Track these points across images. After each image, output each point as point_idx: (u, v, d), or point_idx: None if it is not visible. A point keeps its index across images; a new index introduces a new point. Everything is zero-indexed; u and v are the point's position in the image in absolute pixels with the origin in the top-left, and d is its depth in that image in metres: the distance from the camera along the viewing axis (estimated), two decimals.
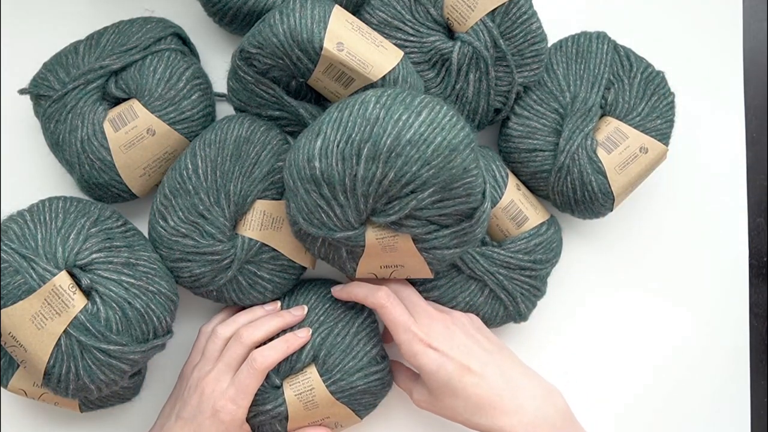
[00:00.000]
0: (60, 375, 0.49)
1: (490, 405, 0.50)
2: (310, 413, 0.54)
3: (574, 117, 0.56)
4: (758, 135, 0.67)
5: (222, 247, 0.53)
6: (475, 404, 0.50)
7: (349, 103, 0.48)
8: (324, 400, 0.54)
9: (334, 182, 0.48)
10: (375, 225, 0.50)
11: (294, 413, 0.54)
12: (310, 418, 0.55)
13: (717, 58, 0.66)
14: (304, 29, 0.50)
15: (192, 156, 0.53)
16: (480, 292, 0.57)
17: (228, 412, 0.51)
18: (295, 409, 0.53)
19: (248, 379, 0.51)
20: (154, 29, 0.56)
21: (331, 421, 0.55)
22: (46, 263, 0.48)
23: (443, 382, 0.51)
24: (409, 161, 0.46)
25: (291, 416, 0.54)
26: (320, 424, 0.55)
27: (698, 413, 0.64)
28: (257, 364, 0.52)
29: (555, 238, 0.59)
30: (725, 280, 0.65)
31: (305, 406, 0.54)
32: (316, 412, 0.54)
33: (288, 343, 0.53)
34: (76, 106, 0.54)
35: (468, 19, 0.54)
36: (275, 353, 0.52)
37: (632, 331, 0.64)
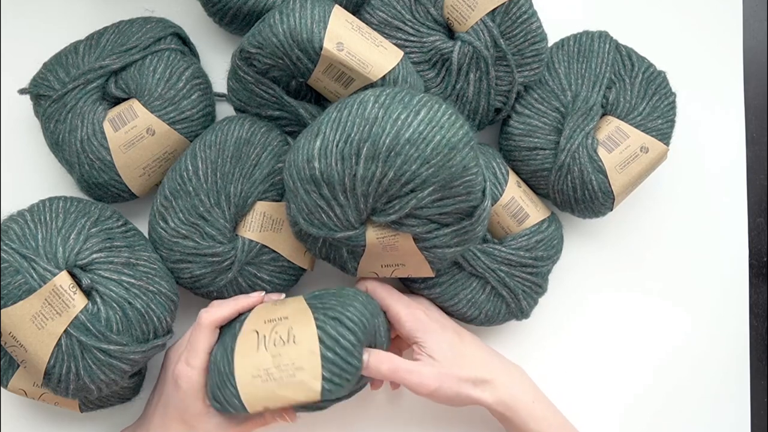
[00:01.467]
0: (60, 375, 0.49)
1: (487, 372, 0.53)
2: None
3: (575, 116, 0.56)
4: (758, 135, 0.67)
5: (222, 249, 0.53)
6: (477, 369, 0.53)
7: (348, 103, 0.48)
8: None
9: (333, 182, 0.48)
10: (375, 224, 0.50)
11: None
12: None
13: (717, 58, 0.66)
14: (304, 29, 0.50)
15: (192, 157, 0.53)
16: (482, 290, 0.58)
17: (184, 376, 0.50)
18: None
19: (195, 337, 0.51)
20: (154, 29, 0.56)
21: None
22: (46, 263, 0.48)
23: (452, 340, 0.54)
24: (409, 160, 0.46)
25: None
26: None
27: (698, 413, 0.64)
28: (201, 320, 0.51)
29: (556, 235, 0.59)
30: (725, 280, 0.65)
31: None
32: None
33: (237, 302, 0.53)
34: (76, 105, 0.54)
35: (468, 18, 0.54)
36: (221, 310, 0.52)
37: (632, 330, 0.64)
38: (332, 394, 0.47)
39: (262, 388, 0.47)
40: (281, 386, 0.47)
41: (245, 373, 0.48)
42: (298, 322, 0.49)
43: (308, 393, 0.47)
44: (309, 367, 0.47)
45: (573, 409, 0.64)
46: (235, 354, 0.48)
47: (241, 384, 0.47)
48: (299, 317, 0.49)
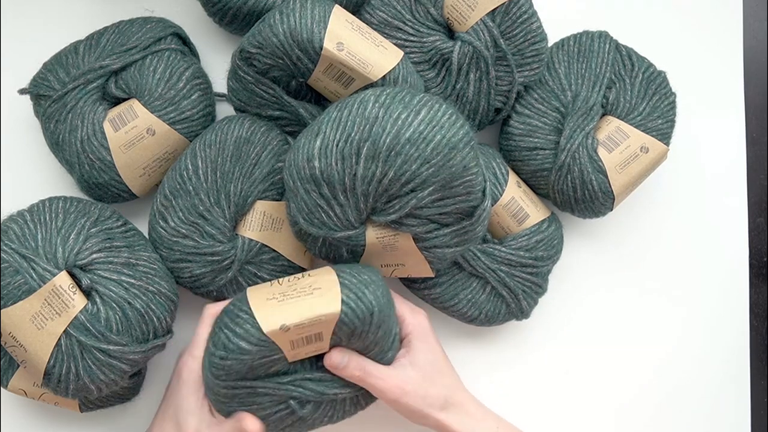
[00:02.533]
0: (60, 375, 0.49)
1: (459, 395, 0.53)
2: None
3: (576, 116, 0.56)
4: (758, 135, 0.67)
5: (222, 248, 0.53)
6: (451, 391, 0.52)
7: (348, 103, 0.48)
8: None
9: (333, 182, 0.48)
10: (375, 224, 0.50)
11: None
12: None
13: (717, 58, 0.66)
14: (304, 29, 0.50)
15: (192, 157, 0.53)
16: (482, 290, 0.58)
17: (186, 366, 0.50)
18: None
19: (200, 328, 0.51)
20: (154, 29, 0.56)
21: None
22: (46, 263, 0.48)
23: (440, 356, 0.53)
24: (409, 160, 0.46)
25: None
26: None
27: (698, 413, 0.64)
28: (207, 311, 0.52)
29: (556, 235, 0.59)
30: (725, 280, 0.65)
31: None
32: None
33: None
34: (76, 106, 0.54)
35: (468, 18, 0.54)
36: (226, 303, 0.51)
37: (632, 330, 0.64)
38: (350, 321, 0.46)
39: (279, 306, 0.46)
40: (298, 302, 0.46)
41: (259, 298, 0.46)
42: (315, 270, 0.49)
43: (327, 306, 0.45)
44: (327, 289, 0.46)
45: (573, 409, 0.64)
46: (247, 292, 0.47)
47: (255, 307, 0.46)
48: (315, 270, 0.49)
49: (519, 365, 0.63)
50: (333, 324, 0.46)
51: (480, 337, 0.63)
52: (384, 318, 0.48)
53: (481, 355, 0.63)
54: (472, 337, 0.63)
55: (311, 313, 0.45)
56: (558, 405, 0.64)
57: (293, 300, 0.46)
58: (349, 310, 0.46)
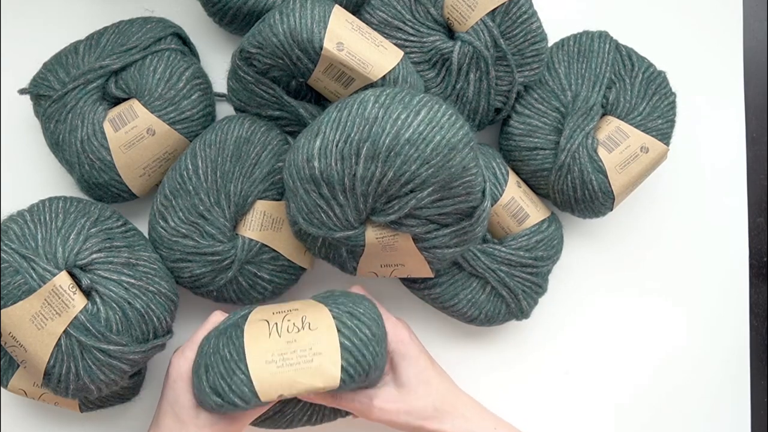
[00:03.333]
0: (60, 375, 0.49)
1: (449, 402, 0.52)
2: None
3: (576, 116, 0.56)
4: (758, 135, 0.67)
5: (222, 248, 0.53)
6: (440, 399, 0.51)
7: (348, 103, 0.48)
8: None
9: (333, 182, 0.48)
10: (375, 224, 0.50)
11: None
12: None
13: (717, 58, 0.66)
14: (304, 29, 0.50)
15: (192, 156, 0.53)
16: (482, 290, 0.58)
17: (174, 365, 0.50)
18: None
19: (199, 332, 0.51)
20: (154, 29, 0.56)
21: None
22: (46, 263, 0.48)
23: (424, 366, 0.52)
24: (408, 160, 0.46)
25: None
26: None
27: (698, 413, 0.64)
28: (212, 318, 0.52)
29: (556, 235, 0.59)
30: (725, 280, 0.65)
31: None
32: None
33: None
34: (76, 106, 0.54)
35: (468, 18, 0.54)
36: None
37: (632, 330, 0.64)
38: (347, 386, 0.45)
39: (278, 373, 0.44)
40: (298, 372, 0.44)
41: (258, 358, 0.45)
42: (312, 312, 0.47)
43: (327, 379, 0.44)
44: (328, 353, 0.45)
45: (573, 409, 0.64)
46: (245, 340, 0.46)
47: (254, 370, 0.44)
48: (311, 308, 0.48)
49: (519, 365, 0.63)
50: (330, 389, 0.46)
51: (480, 338, 0.63)
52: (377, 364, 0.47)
53: (481, 356, 0.63)
54: (472, 337, 0.63)
55: (310, 386, 0.45)
56: (558, 405, 0.64)
57: (292, 368, 0.45)
58: (347, 378, 0.45)
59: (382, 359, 0.48)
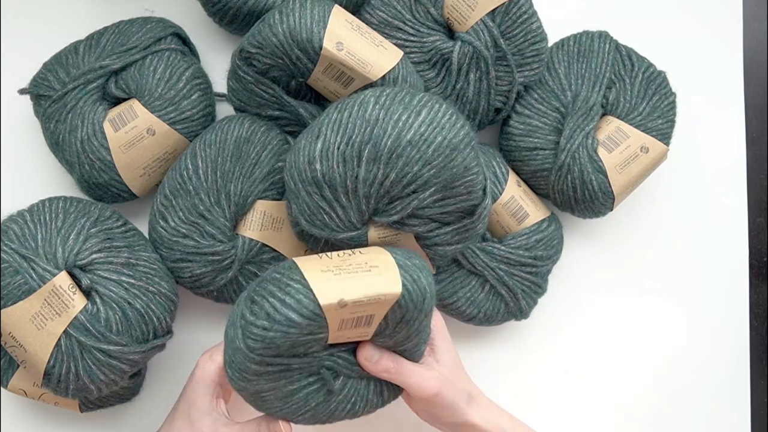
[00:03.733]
0: (60, 375, 0.49)
1: (474, 389, 0.53)
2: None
3: (575, 116, 0.56)
4: (758, 135, 0.67)
5: (222, 248, 0.53)
6: (471, 386, 0.52)
7: (348, 104, 0.48)
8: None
9: (335, 184, 0.48)
10: (377, 225, 0.50)
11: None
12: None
13: (717, 58, 0.66)
14: (304, 29, 0.50)
15: (192, 156, 0.53)
16: (481, 288, 0.58)
17: (201, 366, 0.50)
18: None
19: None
20: (154, 29, 0.56)
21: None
22: (46, 263, 0.48)
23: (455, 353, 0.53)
24: (410, 162, 0.46)
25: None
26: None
27: (698, 413, 0.64)
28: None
29: (556, 235, 0.59)
30: (725, 280, 0.65)
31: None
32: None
33: None
34: (76, 106, 0.54)
35: (468, 18, 0.54)
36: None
37: (632, 330, 0.64)
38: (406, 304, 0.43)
39: (336, 279, 0.41)
40: (357, 278, 0.42)
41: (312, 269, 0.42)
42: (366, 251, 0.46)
43: (389, 285, 0.42)
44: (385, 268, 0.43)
45: (573, 409, 0.64)
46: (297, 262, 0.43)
47: (310, 277, 0.41)
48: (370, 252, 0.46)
49: (519, 365, 0.63)
50: (389, 305, 0.43)
51: (480, 338, 0.63)
52: (432, 305, 0.47)
53: (481, 356, 0.63)
54: (472, 337, 0.63)
55: (373, 290, 0.42)
56: (558, 405, 0.64)
57: (351, 275, 0.42)
58: (407, 293, 0.43)
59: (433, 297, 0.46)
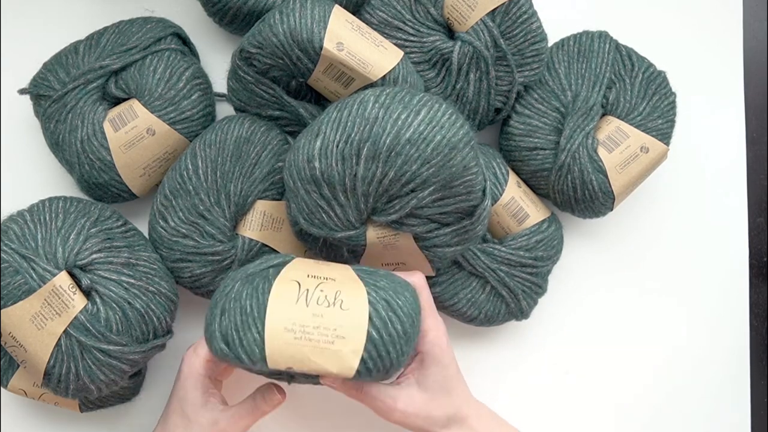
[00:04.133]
0: (60, 375, 0.49)
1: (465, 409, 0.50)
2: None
3: (576, 116, 0.56)
4: (758, 135, 0.67)
5: (222, 248, 0.53)
6: (456, 409, 0.50)
7: (348, 103, 0.48)
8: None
9: (334, 182, 0.48)
10: (376, 224, 0.50)
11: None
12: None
13: (717, 58, 0.66)
14: (304, 29, 0.50)
15: (192, 156, 0.53)
16: (481, 289, 0.58)
17: (186, 361, 0.50)
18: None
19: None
20: (154, 29, 0.56)
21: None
22: (46, 263, 0.48)
23: (451, 375, 0.50)
24: (409, 160, 0.46)
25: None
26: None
27: (698, 413, 0.64)
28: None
29: (556, 235, 0.59)
30: (725, 280, 0.65)
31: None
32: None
33: None
34: (76, 106, 0.54)
35: (468, 18, 0.54)
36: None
37: (632, 330, 0.64)
38: (361, 378, 0.43)
39: (294, 345, 0.41)
40: (315, 350, 0.41)
41: (278, 322, 0.42)
42: (348, 288, 0.44)
43: (342, 367, 0.42)
44: (351, 340, 0.42)
45: (573, 409, 0.64)
46: (270, 298, 0.42)
47: (269, 333, 0.41)
48: (349, 284, 0.44)
49: (519, 366, 0.63)
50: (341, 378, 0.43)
51: (480, 338, 0.63)
52: (401, 363, 0.45)
53: (481, 356, 0.63)
54: (472, 337, 0.63)
55: (322, 368, 0.42)
56: (558, 405, 0.64)
57: (310, 344, 0.42)
58: (364, 370, 0.43)
59: (405, 359, 0.45)
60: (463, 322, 0.60)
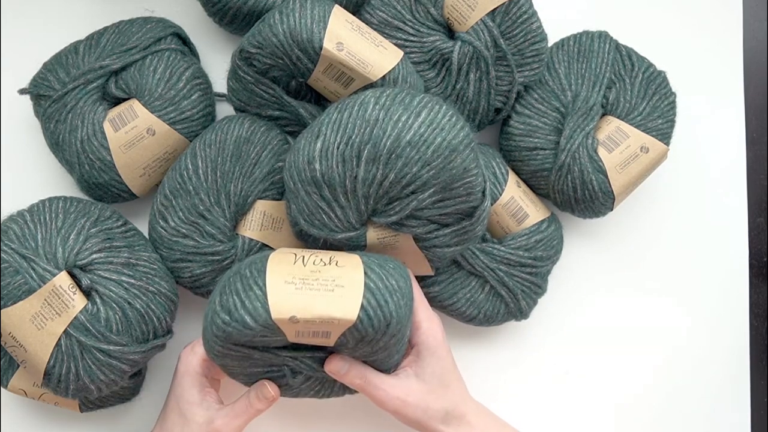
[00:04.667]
0: (60, 375, 0.49)
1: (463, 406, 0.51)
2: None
3: (576, 116, 0.56)
4: (758, 135, 0.67)
5: (222, 248, 0.53)
6: (453, 404, 0.51)
7: (348, 104, 0.48)
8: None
9: (334, 184, 0.48)
10: (376, 225, 0.50)
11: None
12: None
13: (717, 58, 0.66)
14: (304, 29, 0.50)
15: (192, 156, 0.53)
16: (481, 289, 0.58)
17: (183, 359, 0.50)
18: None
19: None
20: (154, 29, 0.56)
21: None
22: (46, 263, 0.48)
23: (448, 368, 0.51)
24: (410, 162, 0.46)
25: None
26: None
27: (698, 413, 0.64)
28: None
29: (556, 235, 0.59)
30: (725, 280, 0.65)
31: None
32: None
33: None
34: (76, 106, 0.54)
35: (468, 18, 0.54)
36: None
37: (632, 330, 0.64)
38: (363, 327, 0.44)
39: (295, 294, 0.42)
40: (317, 296, 0.43)
41: (277, 277, 0.43)
42: (342, 255, 0.46)
43: (345, 311, 0.43)
44: (351, 288, 0.43)
45: (573, 409, 0.64)
46: (269, 264, 0.44)
47: (271, 286, 0.42)
48: (343, 254, 0.47)
49: (519, 366, 0.63)
50: (344, 328, 0.44)
51: (479, 338, 0.63)
52: (399, 328, 0.46)
53: (480, 356, 0.63)
54: (472, 337, 0.63)
55: (325, 312, 0.43)
56: (557, 405, 0.64)
57: (311, 292, 0.43)
58: (365, 318, 0.44)
59: (406, 319, 0.46)
60: (462, 322, 0.60)
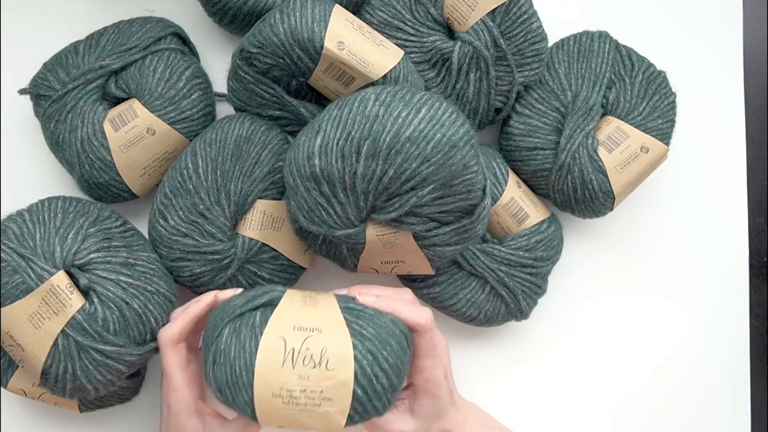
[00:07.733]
0: (57, 375, 0.48)
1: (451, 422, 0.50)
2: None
3: (576, 116, 0.56)
4: (758, 135, 0.67)
5: (222, 247, 0.53)
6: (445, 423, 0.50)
7: (349, 101, 0.48)
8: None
9: (334, 180, 0.48)
10: (375, 222, 0.50)
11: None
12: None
13: (717, 58, 0.66)
14: (305, 28, 0.50)
15: (192, 155, 0.53)
16: (481, 290, 0.57)
17: (172, 399, 0.48)
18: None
19: (163, 360, 0.48)
20: (154, 29, 0.56)
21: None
22: (44, 263, 0.48)
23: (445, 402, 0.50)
24: (409, 158, 0.46)
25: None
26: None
27: (698, 413, 0.64)
28: (161, 340, 0.49)
29: (556, 235, 0.59)
30: (725, 280, 0.65)
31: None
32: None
33: (188, 310, 0.49)
34: (76, 106, 0.54)
35: (468, 18, 0.54)
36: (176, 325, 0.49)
37: (632, 330, 0.64)
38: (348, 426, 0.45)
39: (282, 409, 0.44)
40: (303, 413, 0.44)
41: (266, 388, 0.44)
42: (334, 342, 0.44)
43: (330, 426, 0.44)
44: (338, 401, 0.44)
45: (573, 409, 0.64)
46: (257, 359, 0.44)
47: (258, 398, 0.44)
48: (334, 335, 0.45)
49: (518, 366, 0.63)
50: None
51: (479, 338, 0.63)
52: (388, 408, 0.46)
53: (480, 356, 0.63)
54: (472, 337, 0.63)
55: (312, 427, 0.44)
56: (558, 405, 0.64)
57: (298, 408, 0.44)
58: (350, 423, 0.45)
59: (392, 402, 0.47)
60: (462, 322, 0.60)
